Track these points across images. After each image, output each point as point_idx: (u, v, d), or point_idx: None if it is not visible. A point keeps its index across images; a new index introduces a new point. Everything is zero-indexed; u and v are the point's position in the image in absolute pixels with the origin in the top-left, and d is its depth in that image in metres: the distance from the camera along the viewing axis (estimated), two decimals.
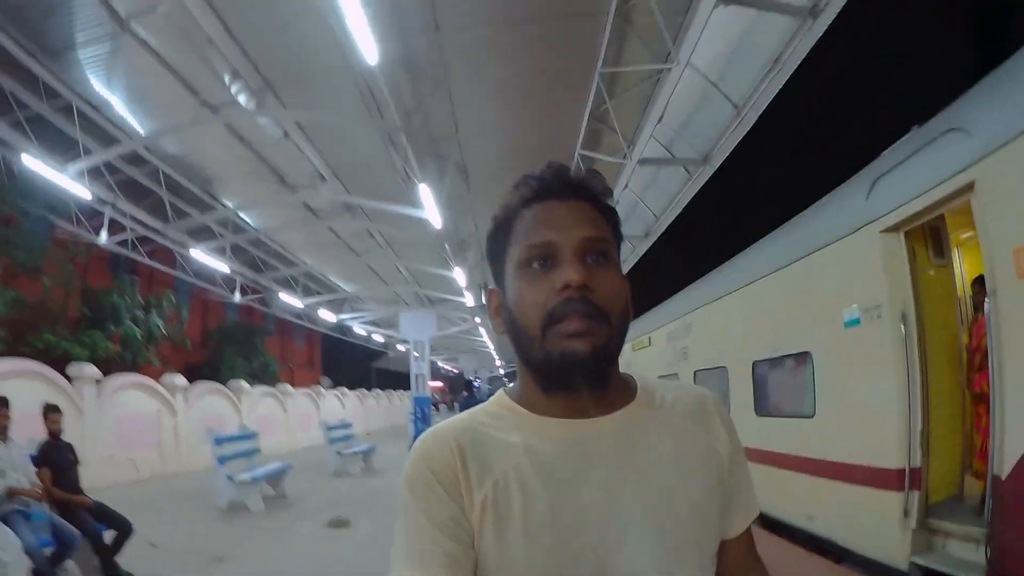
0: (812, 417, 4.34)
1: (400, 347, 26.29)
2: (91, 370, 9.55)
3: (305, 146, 7.84)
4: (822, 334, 4.27)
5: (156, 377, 11.24)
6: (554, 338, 0.68)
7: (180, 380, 11.72)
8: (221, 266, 11.98)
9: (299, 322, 21.06)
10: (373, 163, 8.14)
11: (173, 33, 5.79)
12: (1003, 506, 2.74)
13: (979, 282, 3.44)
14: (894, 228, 3.57)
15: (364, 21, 4.44)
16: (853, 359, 3.94)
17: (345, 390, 22.48)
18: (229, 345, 16.64)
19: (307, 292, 16.14)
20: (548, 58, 6.33)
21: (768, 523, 4.86)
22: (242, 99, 6.42)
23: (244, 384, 14.35)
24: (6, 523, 3.69)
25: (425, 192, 7.44)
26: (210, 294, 16.10)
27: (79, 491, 4.55)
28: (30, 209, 9.40)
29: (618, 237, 0.77)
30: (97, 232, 10.29)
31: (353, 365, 32.40)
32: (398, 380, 34.58)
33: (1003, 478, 2.72)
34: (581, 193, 0.75)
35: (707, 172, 7.38)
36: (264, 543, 5.95)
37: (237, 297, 15.50)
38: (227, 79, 6.28)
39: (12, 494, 3.93)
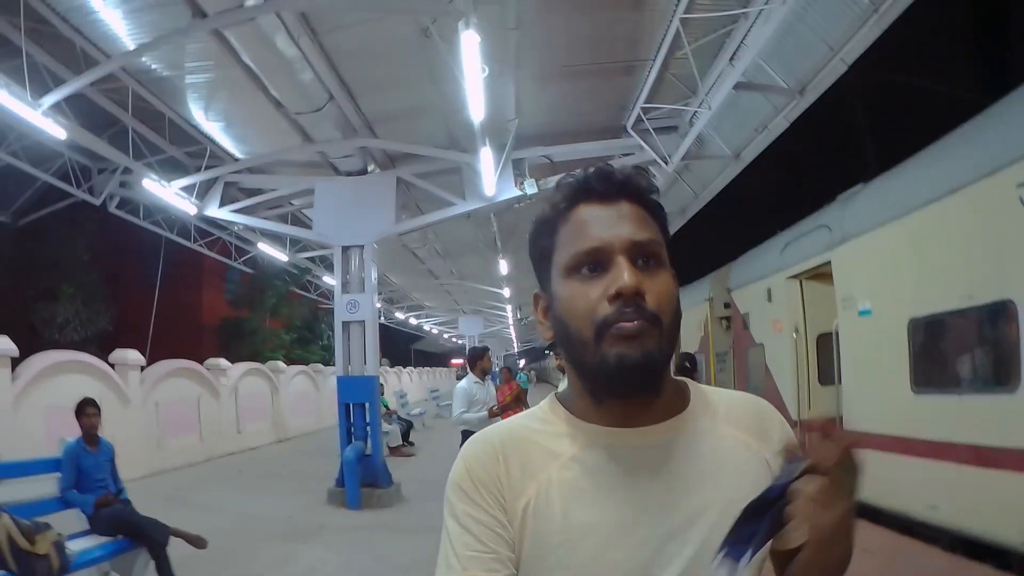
0: None
1: (434, 331, 33.05)
2: (281, 365, 15.62)
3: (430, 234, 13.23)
4: None
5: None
6: (607, 344, 0.67)
7: (319, 367, 18.19)
8: None
9: None
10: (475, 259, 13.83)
11: None
12: None
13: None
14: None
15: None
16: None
17: (400, 368, 28.94)
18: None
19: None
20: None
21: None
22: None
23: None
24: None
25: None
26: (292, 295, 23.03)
27: None
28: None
29: (666, 234, 0.74)
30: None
31: (397, 346, 38.55)
32: (431, 359, 40.92)
33: None
34: (627, 192, 0.72)
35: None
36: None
37: None
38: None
39: None
